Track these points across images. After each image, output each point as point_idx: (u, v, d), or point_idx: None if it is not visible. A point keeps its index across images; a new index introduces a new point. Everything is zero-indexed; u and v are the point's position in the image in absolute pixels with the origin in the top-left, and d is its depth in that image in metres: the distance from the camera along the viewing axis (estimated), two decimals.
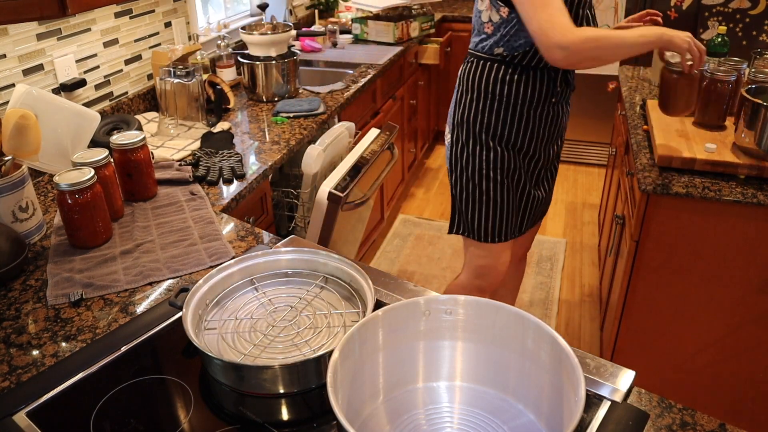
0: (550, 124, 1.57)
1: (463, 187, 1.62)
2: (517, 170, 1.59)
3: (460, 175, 1.61)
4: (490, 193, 1.59)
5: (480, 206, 1.62)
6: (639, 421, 0.84)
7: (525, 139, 1.55)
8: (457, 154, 1.61)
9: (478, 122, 1.55)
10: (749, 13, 3.04)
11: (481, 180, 1.58)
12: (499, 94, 1.51)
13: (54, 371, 0.95)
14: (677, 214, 1.65)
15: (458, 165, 1.61)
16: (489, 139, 1.54)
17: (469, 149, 1.57)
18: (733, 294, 1.70)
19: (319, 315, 1.02)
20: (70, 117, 1.53)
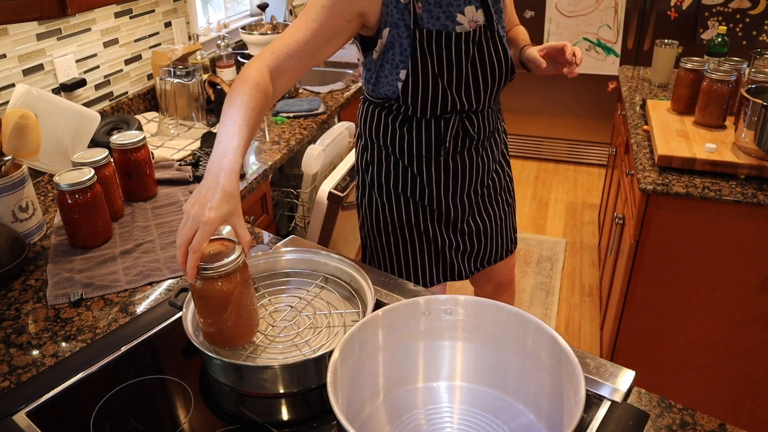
0: (453, 177, 1.36)
1: (367, 234, 1.47)
2: (420, 222, 1.40)
3: (363, 221, 1.47)
4: (392, 245, 1.43)
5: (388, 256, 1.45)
6: (639, 421, 0.84)
7: (424, 192, 1.37)
8: (359, 199, 1.47)
9: (369, 172, 1.40)
10: (749, 13, 3.04)
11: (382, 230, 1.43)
12: (383, 144, 1.35)
13: (54, 371, 0.95)
14: (677, 214, 1.65)
15: (361, 210, 1.47)
16: (383, 191, 1.39)
17: (367, 198, 1.43)
18: (733, 294, 1.70)
19: (319, 315, 1.02)
20: (70, 117, 1.53)
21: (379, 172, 1.39)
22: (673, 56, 2.33)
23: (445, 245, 1.45)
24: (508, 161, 1.55)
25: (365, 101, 1.39)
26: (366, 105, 1.38)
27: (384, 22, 1.19)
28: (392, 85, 1.25)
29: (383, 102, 1.31)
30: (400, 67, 1.22)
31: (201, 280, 0.86)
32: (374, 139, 1.37)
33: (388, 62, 1.23)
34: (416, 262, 1.45)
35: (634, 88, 2.37)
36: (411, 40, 1.18)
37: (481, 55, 1.25)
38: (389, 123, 1.32)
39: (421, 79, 1.22)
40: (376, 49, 1.23)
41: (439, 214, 1.41)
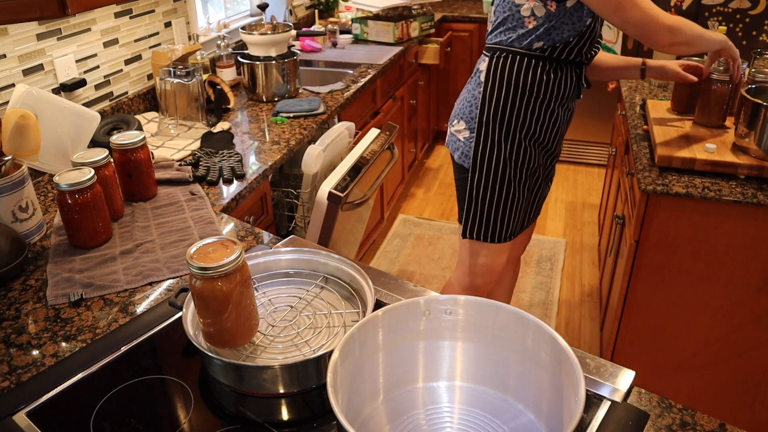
0: (568, 120, 1.62)
1: (487, 187, 1.58)
2: (537, 168, 1.60)
3: (487, 174, 1.57)
4: (514, 192, 1.58)
5: (500, 206, 1.60)
6: (639, 421, 0.84)
7: (549, 136, 1.57)
8: (485, 153, 1.56)
9: (512, 118, 1.52)
10: (749, 13, 3.04)
11: (507, 179, 1.56)
12: (536, 90, 1.50)
13: (54, 371, 0.95)
14: (677, 214, 1.65)
15: (485, 165, 1.57)
16: (521, 136, 1.53)
17: (499, 148, 1.54)
18: (733, 294, 1.70)
19: (319, 315, 1.02)
20: (70, 117, 1.53)
21: (524, 117, 1.52)
22: (673, 56, 2.32)
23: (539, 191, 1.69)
24: None
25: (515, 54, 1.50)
26: (519, 57, 1.49)
27: None
28: (575, 31, 1.45)
29: (546, 51, 1.47)
30: (589, 15, 1.43)
31: (200, 280, 0.86)
32: (525, 85, 1.50)
33: (578, 11, 1.42)
34: (521, 209, 1.63)
35: (634, 88, 2.37)
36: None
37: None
38: (543, 70, 1.49)
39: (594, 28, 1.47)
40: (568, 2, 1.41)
41: (549, 158, 1.65)
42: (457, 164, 1.65)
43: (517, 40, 1.48)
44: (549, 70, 1.49)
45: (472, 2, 4.19)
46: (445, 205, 3.48)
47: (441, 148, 4.18)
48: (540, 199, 1.73)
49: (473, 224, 1.65)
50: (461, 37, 3.81)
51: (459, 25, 3.80)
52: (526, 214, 1.68)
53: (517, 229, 1.66)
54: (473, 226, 1.65)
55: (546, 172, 1.68)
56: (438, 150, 4.16)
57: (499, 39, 1.52)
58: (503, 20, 1.50)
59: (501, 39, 1.52)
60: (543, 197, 1.74)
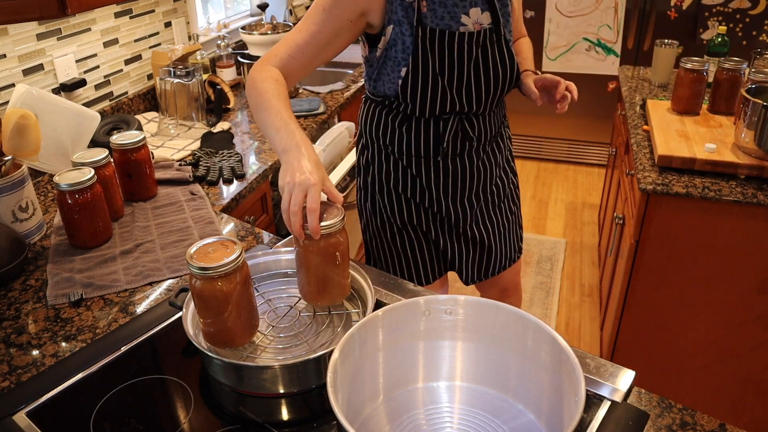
0: (452, 180, 1.35)
1: (371, 235, 1.48)
2: (423, 223, 1.40)
3: (366, 222, 1.48)
4: (397, 244, 1.44)
5: (390, 255, 1.46)
6: (639, 421, 0.84)
7: (423, 193, 1.37)
8: (360, 201, 1.48)
9: (370, 173, 1.41)
10: (749, 13, 3.04)
11: (386, 231, 1.43)
12: (383, 143, 1.35)
13: (54, 371, 0.95)
14: (677, 214, 1.65)
15: (363, 212, 1.48)
16: (384, 191, 1.40)
17: (369, 198, 1.43)
18: (733, 294, 1.70)
19: (319, 315, 1.02)
20: (70, 117, 1.53)
21: (380, 172, 1.39)
22: (673, 56, 2.33)
23: (447, 249, 1.45)
24: (513, 169, 1.53)
25: (366, 100, 1.39)
26: (367, 104, 1.38)
27: (388, 20, 1.20)
28: (393, 83, 1.25)
29: (383, 100, 1.31)
30: (402, 64, 1.22)
31: (200, 280, 0.86)
32: (374, 138, 1.37)
33: (390, 59, 1.23)
34: (417, 261, 1.45)
35: (634, 88, 2.37)
36: (413, 38, 1.19)
37: (485, 57, 1.25)
38: (389, 122, 1.32)
39: (421, 78, 1.21)
40: (379, 45, 1.23)
41: (441, 218, 1.41)
42: None
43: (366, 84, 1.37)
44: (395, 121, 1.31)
45: None
46: None
47: None
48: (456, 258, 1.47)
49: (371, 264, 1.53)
50: None
51: None
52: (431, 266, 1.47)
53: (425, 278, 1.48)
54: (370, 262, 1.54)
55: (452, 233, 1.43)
56: None
57: None
58: None
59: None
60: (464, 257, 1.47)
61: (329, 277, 0.96)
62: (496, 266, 1.53)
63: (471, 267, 1.50)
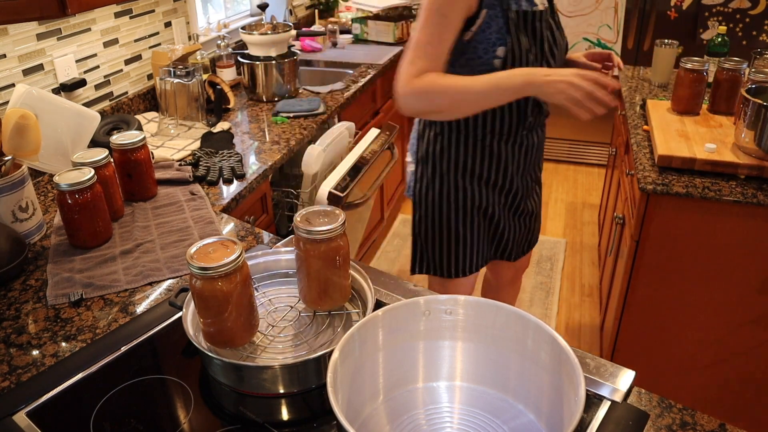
0: (525, 155, 1.46)
1: (430, 225, 1.50)
2: (490, 206, 1.48)
3: (426, 212, 1.50)
4: (459, 231, 1.48)
5: (448, 244, 1.50)
6: (639, 421, 0.84)
7: (499, 173, 1.44)
8: (423, 191, 1.49)
9: (445, 158, 1.43)
10: (749, 13, 3.04)
11: (450, 219, 1.47)
12: (465, 127, 1.39)
13: (54, 371, 0.95)
14: (677, 214, 1.65)
15: (423, 203, 1.49)
16: (458, 177, 1.43)
17: (436, 187, 1.46)
18: (733, 294, 1.70)
19: (319, 315, 1.02)
20: (70, 117, 1.53)
21: (457, 157, 1.43)
22: (673, 56, 2.33)
23: (504, 228, 1.55)
24: None
25: None
26: None
27: (482, 4, 1.26)
28: (487, 64, 1.29)
29: None
30: (497, 44, 1.28)
31: (201, 280, 0.86)
32: (454, 123, 1.40)
33: (482, 42, 1.28)
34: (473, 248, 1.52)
35: (634, 88, 2.37)
36: (505, 19, 1.27)
37: (551, 33, 1.36)
38: None
39: (516, 55, 1.29)
40: (472, 28, 1.27)
41: (506, 196, 1.50)
42: None
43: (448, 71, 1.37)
44: None
45: None
46: None
47: None
48: (511, 235, 1.58)
49: (417, 260, 1.58)
50: None
51: None
52: (489, 250, 1.57)
53: (474, 265, 1.55)
54: (417, 262, 1.58)
55: (510, 209, 1.54)
56: None
57: None
58: None
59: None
60: (515, 232, 1.59)
61: (330, 281, 0.96)
62: (533, 240, 1.69)
63: (519, 242, 1.63)
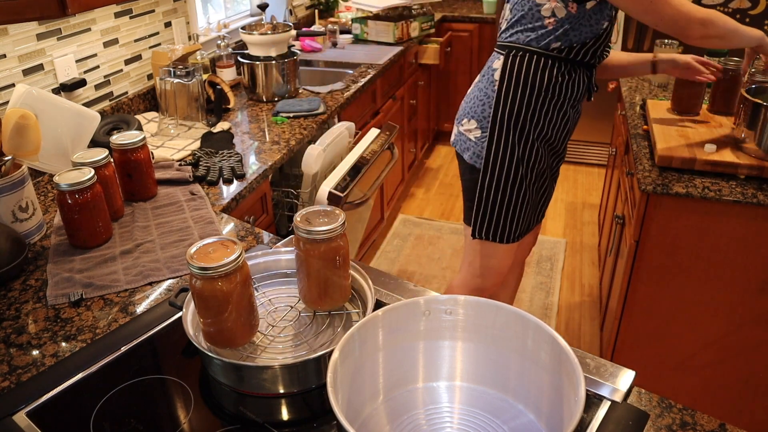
0: (576, 121, 1.64)
1: (496, 188, 1.57)
2: (545, 168, 1.61)
3: (499, 175, 1.56)
4: (524, 193, 1.58)
5: (510, 207, 1.59)
6: (639, 421, 0.84)
7: (559, 137, 1.58)
8: (497, 153, 1.55)
9: (526, 119, 1.52)
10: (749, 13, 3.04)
11: (518, 179, 1.56)
12: (551, 90, 1.50)
13: (54, 371, 0.95)
14: (677, 214, 1.65)
15: (497, 165, 1.56)
16: (534, 136, 1.53)
17: (513, 148, 1.53)
18: (733, 294, 1.70)
19: (319, 315, 1.02)
20: (70, 117, 1.53)
21: (537, 118, 1.52)
22: None
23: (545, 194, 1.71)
24: None
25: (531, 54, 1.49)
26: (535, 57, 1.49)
27: None
28: (592, 33, 1.46)
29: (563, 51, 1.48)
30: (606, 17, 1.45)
31: (201, 280, 0.86)
32: (540, 85, 1.50)
33: (597, 14, 1.44)
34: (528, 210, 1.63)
35: (634, 88, 2.37)
36: None
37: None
38: (559, 71, 1.49)
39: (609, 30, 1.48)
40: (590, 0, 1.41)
41: (556, 159, 1.67)
42: (467, 164, 1.62)
43: (536, 39, 1.48)
44: (564, 71, 1.49)
45: (472, 2, 4.19)
46: (445, 205, 3.48)
47: (441, 148, 4.18)
48: (546, 200, 1.75)
49: (482, 224, 1.63)
50: (461, 37, 3.81)
51: (459, 25, 3.80)
52: (534, 214, 1.69)
53: (525, 229, 1.67)
54: (482, 227, 1.64)
55: (552, 172, 1.70)
56: (438, 150, 4.16)
57: (515, 37, 1.50)
58: (520, 18, 1.49)
59: (517, 37, 1.50)
60: (549, 198, 1.76)
61: (330, 281, 0.96)
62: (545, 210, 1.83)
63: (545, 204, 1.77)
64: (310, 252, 0.93)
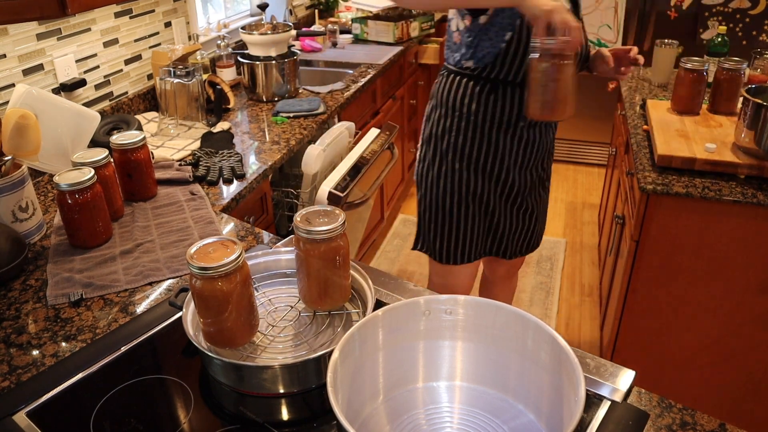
0: (525, 149, 1.49)
1: (427, 207, 1.56)
2: (485, 194, 1.52)
3: (425, 193, 1.55)
4: (453, 216, 1.53)
5: (442, 228, 1.55)
6: (639, 421, 0.84)
7: (495, 163, 1.48)
8: (423, 172, 1.55)
9: (445, 141, 1.48)
10: (749, 13, 3.04)
11: (445, 202, 1.52)
12: (467, 112, 1.44)
13: (54, 371, 0.95)
14: (677, 214, 1.65)
15: (423, 183, 1.55)
16: (455, 160, 1.48)
17: (435, 169, 1.51)
18: (733, 294, 1.70)
19: (319, 315, 1.02)
20: (70, 117, 1.53)
21: (457, 140, 1.47)
22: (673, 56, 2.33)
23: (500, 220, 1.57)
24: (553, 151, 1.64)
25: (450, 73, 1.47)
26: (451, 76, 1.47)
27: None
28: (495, 48, 1.35)
29: (474, 70, 1.40)
30: (507, 30, 1.33)
31: (201, 280, 0.86)
32: (457, 107, 1.44)
33: (495, 26, 1.33)
34: (468, 235, 1.56)
35: (634, 88, 2.37)
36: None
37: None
38: (475, 92, 1.42)
39: (522, 42, 1.34)
40: (488, 12, 1.33)
41: (503, 187, 1.53)
42: None
43: (452, 58, 1.45)
44: (482, 91, 1.41)
45: None
46: None
47: None
48: (508, 230, 1.61)
49: (418, 239, 1.64)
50: None
51: None
52: (485, 241, 1.60)
53: (470, 254, 1.59)
54: (419, 241, 1.64)
55: (506, 201, 1.56)
56: None
57: (445, 57, 1.50)
58: (448, 37, 1.47)
59: (446, 56, 1.50)
60: (513, 229, 1.61)
61: (330, 281, 0.96)
62: (533, 242, 1.68)
63: (517, 240, 1.64)
64: (310, 252, 0.93)
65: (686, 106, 1.94)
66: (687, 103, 1.94)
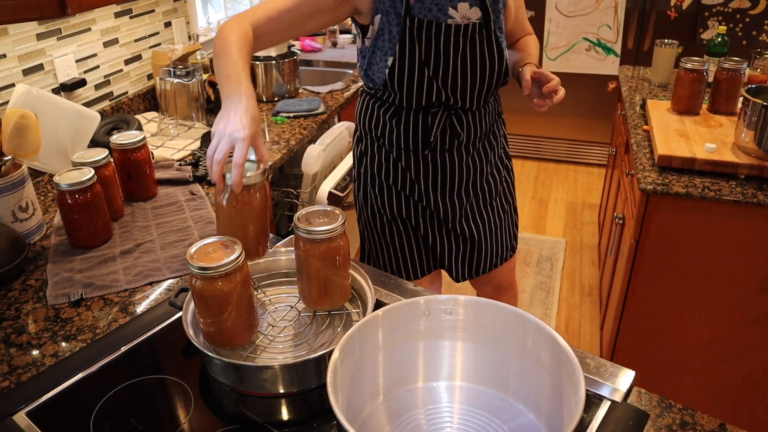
0: (443, 174, 1.37)
1: (364, 224, 1.51)
2: (412, 217, 1.43)
3: (360, 212, 1.51)
4: (386, 234, 1.46)
5: (378, 245, 1.49)
6: (639, 421, 0.84)
7: (413, 187, 1.39)
8: (355, 189, 1.51)
9: (363, 163, 1.44)
10: (749, 13, 3.04)
11: (376, 221, 1.46)
12: (377, 136, 1.38)
13: (54, 371, 0.95)
14: (677, 214, 1.65)
15: (357, 201, 1.51)
16: (375, 183, 1.43)
17: (362, 189, 1.47)
18: (733, 294, 1.70)
19: (319, 315, 1.02)
20: (70, 117, 1.53)
21: (372, 164, 1.42)
22: (673, 56, 2.33)
23: (436, 244, 1.46)
24: (507, 166, 1.54)
25: (362, 93, 1.42)
26: (362, 96, 1.42)
27: (376, 9, 1.23)
28: (381, 72, 1.27)
29: (376, 92, 1.35)
30: (389, 54, 1.24)
31: (201, 280, 0.86)
32: (367, 130, 1.40)
33: (379, 49, 1.25)
34: (406, 255, 1.47)
35: (634, 88, 2.37)
36: (401, 27, 1.21)
37: (473, 51, 1.26)
38: (381, 115, 1.35)
39: (407, 67, 1.24)
40: (368, 35, 1.26)
41: (430, 212, 1.42)
42: None
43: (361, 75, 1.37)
44: (386, 113, 1.34)
45: None
46: None
47: None
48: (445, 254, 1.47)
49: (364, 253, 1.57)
50: None
51: None
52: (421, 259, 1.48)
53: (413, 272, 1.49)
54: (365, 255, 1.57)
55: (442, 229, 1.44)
56: None
57: None
58: None
59: None
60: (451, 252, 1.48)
61: (330, 281, 0.96)
62: (487, 264, 1.53)
63: (461, 263, 1.51)
64: (310, 252, 0.93)
65: (686, 106, 1.94)
66: (687, 103, 1.94)
